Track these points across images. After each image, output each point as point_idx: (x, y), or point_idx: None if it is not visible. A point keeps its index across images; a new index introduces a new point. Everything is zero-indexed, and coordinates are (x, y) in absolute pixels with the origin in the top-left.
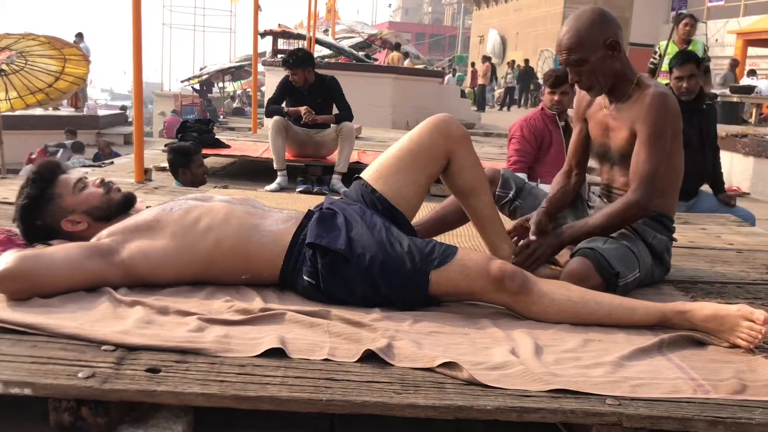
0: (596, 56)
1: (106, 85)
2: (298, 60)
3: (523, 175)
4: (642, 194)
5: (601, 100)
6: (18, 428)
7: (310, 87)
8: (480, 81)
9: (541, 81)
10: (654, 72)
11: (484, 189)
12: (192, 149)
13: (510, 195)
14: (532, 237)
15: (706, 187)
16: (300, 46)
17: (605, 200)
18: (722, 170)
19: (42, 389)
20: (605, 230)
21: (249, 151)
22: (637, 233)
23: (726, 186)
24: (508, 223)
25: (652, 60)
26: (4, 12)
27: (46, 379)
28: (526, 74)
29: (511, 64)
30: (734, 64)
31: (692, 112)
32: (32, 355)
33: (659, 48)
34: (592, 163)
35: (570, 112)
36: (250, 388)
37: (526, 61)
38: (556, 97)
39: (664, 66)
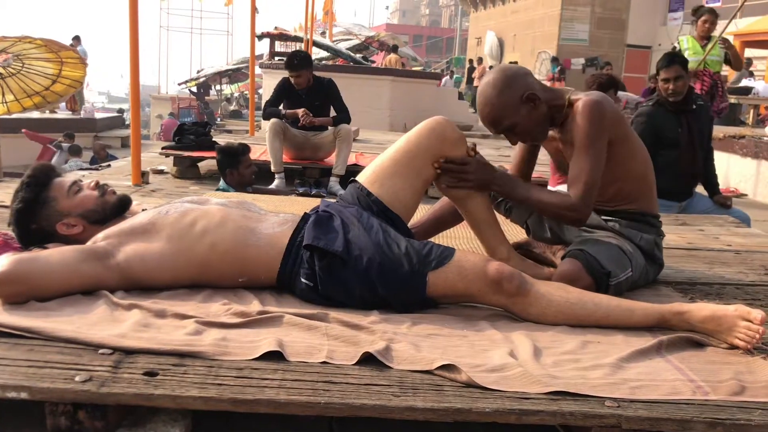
0: (521, 115)
1: (104, 88)
2: (303, 61)
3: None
4: (579, 199)
5: (550, 132)
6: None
7: (308, 89)
8: (477, 84)
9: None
10: None
11: (479, 192)
12: (240, 149)
13: None
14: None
15: (701, 188)
16: (297, 49)
17: None
18: (717, 171)
19: (39, 393)
20: (538, 208)
21: None
22: (623, 236)
23: (724, 187)
24: (504, 223)
25: None
26: (2, 14)
27: (43, 383)
28: None
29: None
30: (749, 63)
31: (681, 112)
32: (29, 358)
33: (678, 44)
34: None
35: None
36: (248, 391)
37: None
38: None
39: (690, 64)
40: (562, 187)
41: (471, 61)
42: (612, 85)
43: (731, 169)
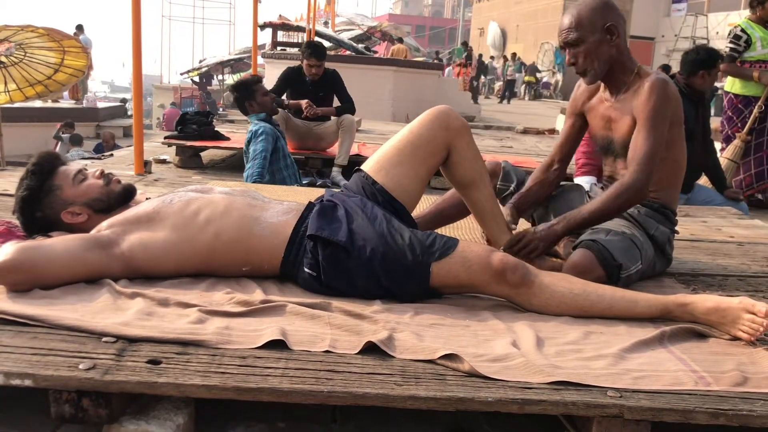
0: (593, 38)
1: (107, 77)
2: (322, 50)
3: (591, 179)
4: (639, 177)
5: (602, 93)
6: (19, 420)
7: (314, 80)
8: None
9: (540, 72)
10: (734, 59)
11: (484, 181)
12: (251, 80)
13: (511, 188)
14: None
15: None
16: (300, 39)
17: None
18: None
19: (43, 380)
20: (601, 216)
21: None
22: (639, 224)
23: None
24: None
25: (732, 46)
26: (4, 3)
27: (47, 371)
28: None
29: (513, 56)
30: None
31: (698, 102)
32: (33, 346)
33: (738, 30)
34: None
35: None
36: (251, 380)
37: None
38: None
39: (758, 53)
40: (585, 179)
41: (465, 43)
42: None
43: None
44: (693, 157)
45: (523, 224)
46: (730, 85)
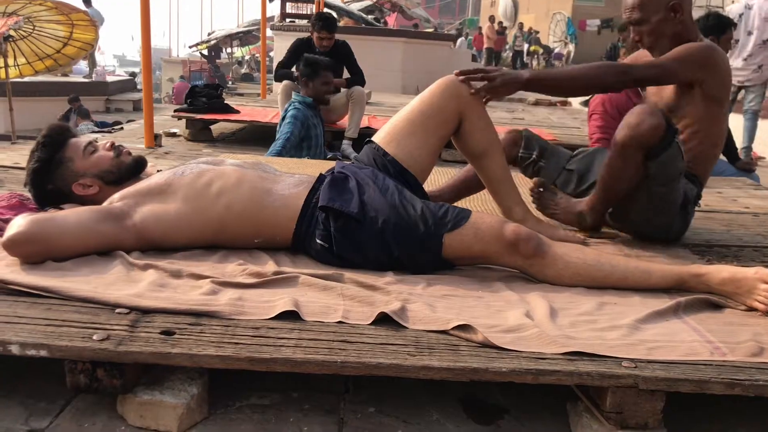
0: (657, 17)
1: (117, 51)
2: (332, 23)
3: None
4: (628, 68)
5: None
6: (36, 389)
7: (324, 52)
8: (486, 44)
9: (551, 44)
10: None
11: (496, 150)
12: (322, 64)
13: (533, 156)
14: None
15: None
16: (309, 11)
17: None
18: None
19: (58, 351)
20: (572, 77)
21: (258, 117)
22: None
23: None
24: (522, 188)
25: None
26: None
27: (62, 342)
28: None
29: (521, 27)
30: None
31: None
32: (47, 317)
33: None
34: None
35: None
36: (265, 350)
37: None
38: None
39: None
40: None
41: (480, 29)
42: None
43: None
44: None
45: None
46: None
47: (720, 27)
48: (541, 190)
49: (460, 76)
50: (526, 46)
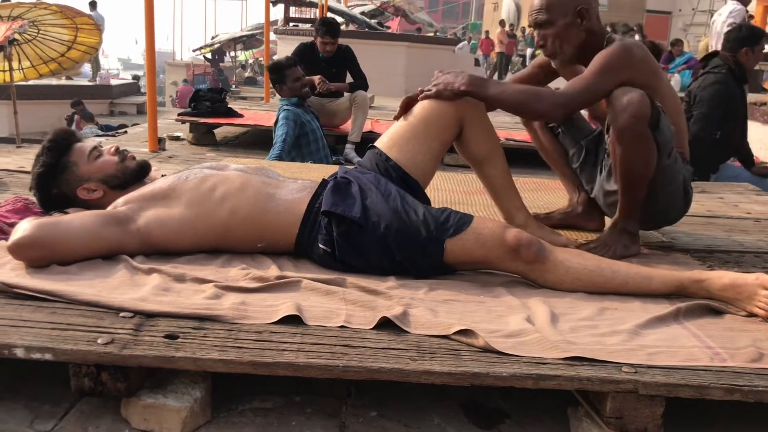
0: (563, 21)
1: (122, 54)
2: (336, 28)
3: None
4: (555, 97)
5: (579, 69)
6: (40, 392)
7: (327, 56)
8: (498, 49)
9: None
10: None
11: (498, 156)
12: (285, 63)
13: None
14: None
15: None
16: (312, 14)
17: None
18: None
19: (62, 355)
20: (501, 99)
21: (262, 121)
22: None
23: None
24: (524, 193)
25: None
26: None
27: (66, 345)
28: None
29: (523, 31)
30: None
31: (744, 83)
32: (52, 321)
33: None
34: None
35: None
36: (268, 354)
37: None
38: None
39: None
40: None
41: (487, 32)
42: (654, 53)
43: (752, 136)
44: (731, 138)
45: (534, 204)
46: None
47: (753, 38)
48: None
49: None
50: (529, 50)
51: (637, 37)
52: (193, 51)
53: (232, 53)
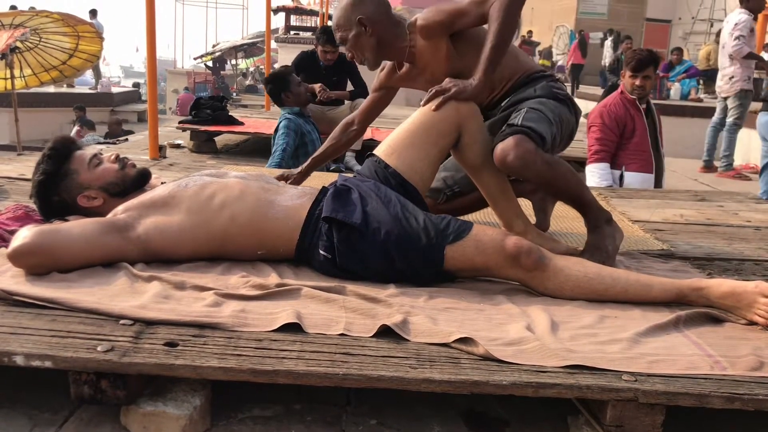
0: (352, 34)
1: (125, 62)
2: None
3: (605, 165)
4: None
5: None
6: (40, 400)
7: (328, 65)
8: None
9: (554, 57)
10: None
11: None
12: (285, 71)
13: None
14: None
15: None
16: (313, 23)
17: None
18: (737, 147)
19: (62, 362)
20: (502, 35)
21: (262, 129)
22: (520, 103)
23: (744, 163)
24: (522, 199)
25: None
26: None
27: (66, 353)
28: None
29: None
30: None
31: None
32: (52, 328)
33: None
34: None
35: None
36: (267, 362)
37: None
38: (637, 82)
39: None
40: (600, 166)
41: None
42: (652, 61)
43: (752, 145)
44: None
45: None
46: None
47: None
48: None
49: (424, 105)
50: (535, 59)
51: (626, 44)
52: (194, 59)
53: (233, 61)
